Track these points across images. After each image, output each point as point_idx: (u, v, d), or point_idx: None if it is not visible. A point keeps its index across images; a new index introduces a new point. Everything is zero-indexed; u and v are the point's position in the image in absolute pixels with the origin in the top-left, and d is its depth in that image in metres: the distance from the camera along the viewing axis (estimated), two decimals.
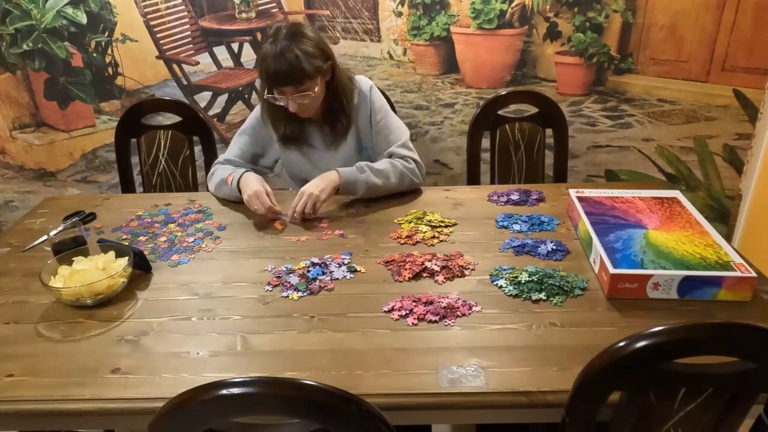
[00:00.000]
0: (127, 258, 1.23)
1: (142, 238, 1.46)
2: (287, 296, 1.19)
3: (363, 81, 1.68)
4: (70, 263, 1.24)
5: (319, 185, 1.50)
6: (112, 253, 1.26)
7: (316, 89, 1.51)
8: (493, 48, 2.16)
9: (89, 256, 1.26)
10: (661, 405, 0.83)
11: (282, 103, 1.53)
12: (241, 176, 1.55)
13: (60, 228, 1.39)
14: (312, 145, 1.69)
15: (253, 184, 1.50)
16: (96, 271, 1.19)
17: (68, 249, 1.28)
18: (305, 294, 1.19)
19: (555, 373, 0.95)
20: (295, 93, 1.49)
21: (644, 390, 0.81)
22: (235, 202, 1.62)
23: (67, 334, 1.10)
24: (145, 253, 1.31)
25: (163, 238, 1.45)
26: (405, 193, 1.64)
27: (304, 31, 1.49)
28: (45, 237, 1.43)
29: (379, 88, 1.71)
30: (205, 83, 2.27)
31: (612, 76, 2.18)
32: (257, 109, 1.68)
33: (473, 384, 0.93)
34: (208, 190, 1.71)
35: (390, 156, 1.64)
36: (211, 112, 2.32)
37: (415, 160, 1.64)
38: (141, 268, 1.28)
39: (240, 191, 1.54)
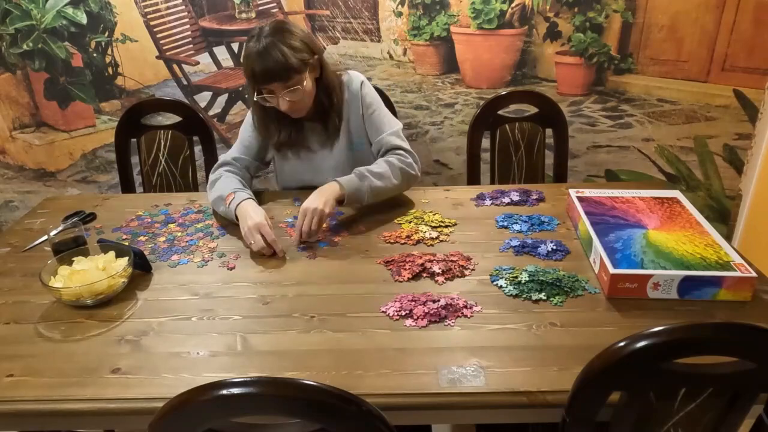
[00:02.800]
0: (127, 258, 1.23)
1: (142, 238, 1.46)
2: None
3: (354, 75, 1.64)
4: (70, 263, 1.24)
5: (320, 199, 1.39)
6: (112, 253, 1.26)
7: (304, 83, 1.46)
8: (493, 48, 2.16)
9: (89, 256, 1.26)
10: (661, 405, 0.83)
11: (272, 104, 1.49)
12: (240, 203, 1.42)
13: (60, 228, 1.39)
14: (309, 147, 1.64)
15: (254, 215, 1.37)
16: (96, 271, 1.19)
17: (68, 249, 1.28)
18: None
19: (555, 373, 0.95)
20: (283, 90, 1.45)
21: (644, 390, 0.81)
22: None
23: (67, 334, 1.10)
24: (145, 253, 1.31)
25: (162, 238, 1.45)
26: (405, 193, 1.63)
27: (287, 27, 1.45)
28: (45, 237, 1.43)
29: (375, 86, 1.69)
30: (205, 83, 2.27)
31: (612, 76, 2.18)
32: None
33: (473, 384, 0.93)
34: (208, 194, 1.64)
35: (381, 145, 1.59)
36: (211, 112, 2.32)
37: (408, 152, 1.57)
38: (141, 268, 1.28)
39: (237, 217, 1.42)
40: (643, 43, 2.11)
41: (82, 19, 2.13)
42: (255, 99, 1.49)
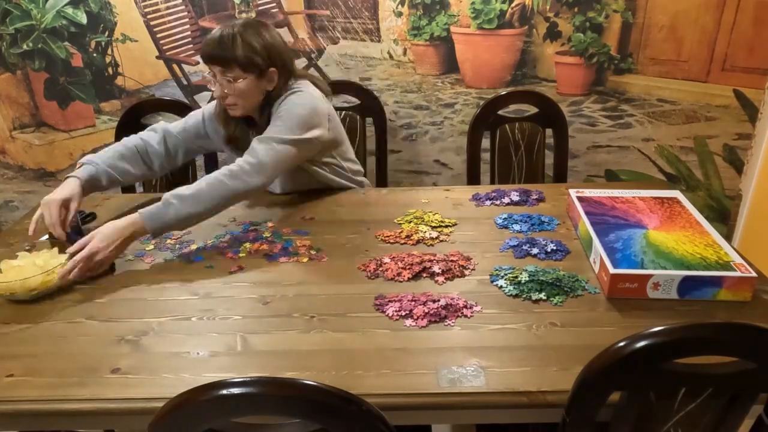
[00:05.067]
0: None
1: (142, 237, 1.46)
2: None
3: (307, 93, 1.53)
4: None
5: (109, 234, 1.25)
6: (55, 250, 1.29)
7: (241, 82, 1.45)
8: (493, 48, 2.16)
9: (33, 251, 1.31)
10: (661, 405, 0.83)
11: (211, 86, 1.50)
12: (68, 177, 1.42)
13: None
14: None
15: (60, 190, 1.37)
16: (32, 266, 1.21)
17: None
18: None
19: (555, 373, 0.95)
20: (221, 76, 1.46)
21: (644, 390, 0.81)
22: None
23: (67, 334, 1.10)
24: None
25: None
26: (405, 193, 1.63)
27: (260, 29, 1.46)
28: (45, 237, 1.43)
29: (372, 90, 1.64)
30: (205, 83, 2.27)
31: (612, 76, 2.18)
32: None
33: (473, 384, 0.93)
34: None
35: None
36: None
37: (258, 163, 1.40)
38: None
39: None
40: (643, 43, 2.11)
41: (82, 19, 2.13)
42: (205, 75, 1.49)
